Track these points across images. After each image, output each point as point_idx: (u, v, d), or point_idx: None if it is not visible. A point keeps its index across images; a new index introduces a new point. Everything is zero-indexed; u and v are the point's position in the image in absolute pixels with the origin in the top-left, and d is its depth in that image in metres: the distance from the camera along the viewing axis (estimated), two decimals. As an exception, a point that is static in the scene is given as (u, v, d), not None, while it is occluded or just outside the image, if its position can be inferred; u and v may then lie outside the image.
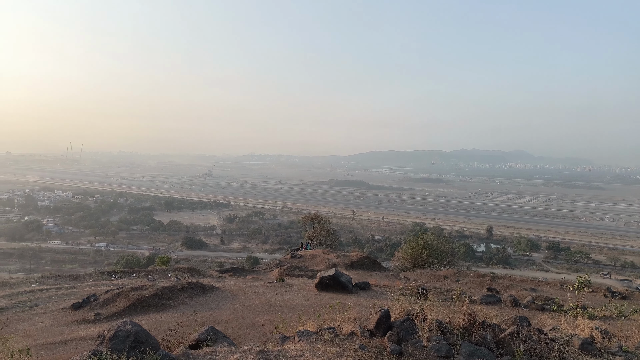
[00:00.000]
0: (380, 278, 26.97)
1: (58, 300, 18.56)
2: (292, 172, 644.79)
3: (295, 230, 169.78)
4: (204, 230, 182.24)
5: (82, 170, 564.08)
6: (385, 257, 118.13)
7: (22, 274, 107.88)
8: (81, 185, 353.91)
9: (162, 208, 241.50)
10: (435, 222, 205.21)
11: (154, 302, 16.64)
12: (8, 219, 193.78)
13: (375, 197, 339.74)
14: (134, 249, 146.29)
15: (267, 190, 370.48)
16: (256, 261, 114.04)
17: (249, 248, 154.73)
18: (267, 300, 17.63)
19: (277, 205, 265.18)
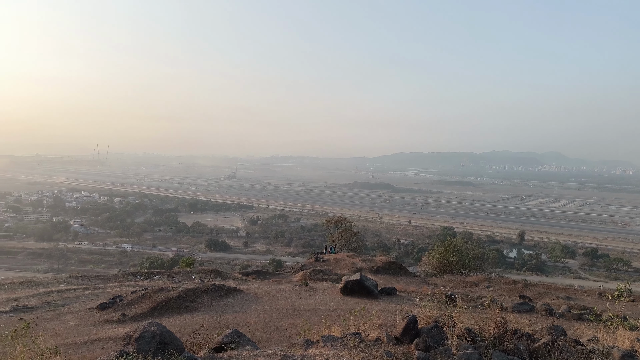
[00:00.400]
0: (406, 283, 26.72)
1: (85, 300, 19.11)
2: (316, 174, 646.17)
3: (319, 233, 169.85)
4: (228, 232, 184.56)
5: (108, 171, 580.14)
6: (411, 262, 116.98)
7: (50, 273, 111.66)
8: (107, 186, 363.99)
9: (186, 210, 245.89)
10: (464, 227, 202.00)
11: (178, 304, 16.96)
12: (37, 219, 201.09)
13: (402, 200, 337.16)
14: (158, 251, 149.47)
15: (290, 193, 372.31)
16: (279, 264, 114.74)
17: (273, 251, 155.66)
18: (291, 304, 17.70)
19: (301, 208, 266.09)
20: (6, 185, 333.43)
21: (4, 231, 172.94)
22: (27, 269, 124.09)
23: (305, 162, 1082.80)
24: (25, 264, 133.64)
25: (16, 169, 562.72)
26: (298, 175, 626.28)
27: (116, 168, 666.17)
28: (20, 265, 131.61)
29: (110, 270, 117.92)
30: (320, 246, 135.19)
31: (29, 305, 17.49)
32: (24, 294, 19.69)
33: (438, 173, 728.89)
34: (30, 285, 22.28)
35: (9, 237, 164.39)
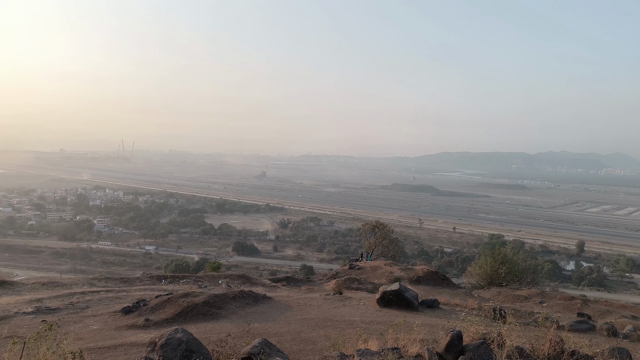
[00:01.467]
0: (450, 296, 26.31)
1: (108, 303, 19.79)
2: (352, 175, 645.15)
3: (354, 238, 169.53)
4: (257, 235, 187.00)
5: (133, 169, 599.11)
6: (456, 272, 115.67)
7: (73, 274, 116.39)
8: (132, 184, 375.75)
9: (213, 210, 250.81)
10: (515, 235, 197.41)
11: (204, 310, 17.31)
12: (61, 217, 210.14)
13: (446, 204, 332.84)
14: (184, 253, 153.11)
15: (323, 194, 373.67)
16: (311, 271, 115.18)
17: (304, 256, 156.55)
18: (324, 314, 17.75)
19: (335, 211, 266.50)
20: (30, 182, 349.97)
21: (27, 229, 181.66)
22: (49, 269, 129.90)
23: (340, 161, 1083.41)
24: (48, 263, 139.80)
25: (40, 165, 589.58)
26: (332, 175, 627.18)
27: (141, 165, 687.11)
28: (42, 264, 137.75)
29: (134, 272, 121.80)
30: (355, 253, 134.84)
31: (52, 307, 18.27)
32: (47, 295, 20.60)
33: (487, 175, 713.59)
34: (53, 286, 23.26)
35: (32, 236, 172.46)
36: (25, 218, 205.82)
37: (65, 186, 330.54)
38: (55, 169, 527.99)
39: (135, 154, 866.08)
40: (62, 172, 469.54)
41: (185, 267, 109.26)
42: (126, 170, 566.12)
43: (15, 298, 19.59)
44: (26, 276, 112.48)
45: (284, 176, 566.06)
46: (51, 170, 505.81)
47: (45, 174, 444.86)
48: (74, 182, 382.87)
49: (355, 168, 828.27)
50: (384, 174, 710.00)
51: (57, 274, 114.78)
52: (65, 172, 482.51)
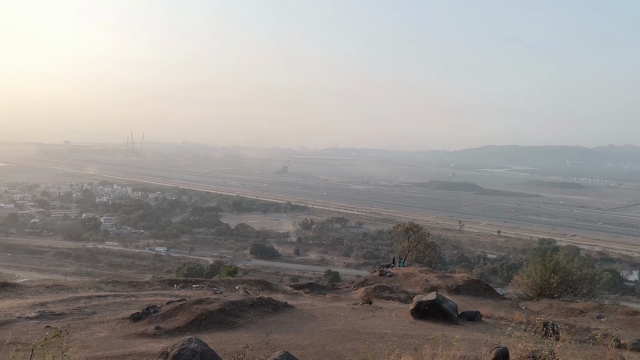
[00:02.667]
0: (493, 307, 26.00)
1: (116, 309, 20.26)
2: (383, 171, 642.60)
3: (385, 242, 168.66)
4: (277, 236, 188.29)
5: (142, 162, 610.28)
6: (500, 281, 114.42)
7: (78, 277, 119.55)
8: (141, 179, 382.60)
9: (230, 209, 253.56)
10: (569, 240, 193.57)
11: (219, 319, 17.55)
12: (65, 215, 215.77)
13: (490, 204, 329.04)
14: (197, 256, 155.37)
15: (351, 192, 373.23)
16: (336, 277, 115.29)
17: (328, 261, 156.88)
18: (351, 325, 17.78)
19: (364, 211, 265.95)
20: (33, 177, 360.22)
21: (30, 228, 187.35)
22: (53, 271, 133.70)
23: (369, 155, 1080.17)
24: (52, 264, 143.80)
25: (44, 158, 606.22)
26: (361, 171, 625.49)
27: (152, 158, 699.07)
28: (46, 266, 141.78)
29: (143, 276, 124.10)
30: (386, 258, 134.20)
31: (57, 312, 18.81)
32: (52, 299, 21.22)
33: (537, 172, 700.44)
34: (58, 289, 23.94)
35: (36, 235, 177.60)
36: (28, 215, 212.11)
37: (70, 181, 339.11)
38: (59, 162, 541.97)
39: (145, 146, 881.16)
40: (67, 166, 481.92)
41: (199, 271, 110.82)
42: (135, 164, 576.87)
43: (18, 302, 20.23)
44: (29, 278, 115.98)
45: (307, 172, 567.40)
46: (55, 163, 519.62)
47: (49, 168, 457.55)
48: (80, 176, 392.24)
49: (387, 163, 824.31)
50: (420, 170, 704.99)
51: (62, 276, 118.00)
52: (71, 165, 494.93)
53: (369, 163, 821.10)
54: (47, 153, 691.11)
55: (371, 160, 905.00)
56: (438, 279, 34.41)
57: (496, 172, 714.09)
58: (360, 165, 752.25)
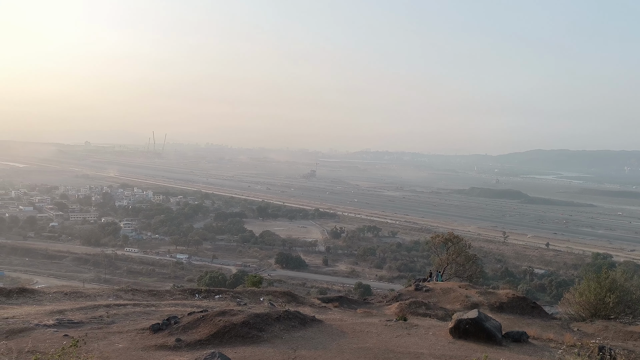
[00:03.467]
0: (541, 328, 25.45)
1: (135, 319, 20.58)
2: (420, 176, 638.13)
3: (421, 253, 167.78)
4: (304, 245, 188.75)
5: (164, 165, 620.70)
6: (549, 299, 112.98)
7: (96, 284, 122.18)
8: (163, 183, 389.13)
9: (254, 215, 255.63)
10: (627, 255, 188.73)
11: (243, 332, 17.64)
12: (84, 219, 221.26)
13: (537, 214, 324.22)
14: (220, 264, 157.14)
15: (384, 198, 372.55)
16: (367, 290, 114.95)
17: (359, 273, 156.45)
18: (384, 343, 17.64)
19: (398, 219, 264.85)
20: (52, 179, 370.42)
21: (48, 231, 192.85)
22: (71, 277, 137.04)
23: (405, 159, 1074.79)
24: (70, 270, 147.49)
25: (63, 159, 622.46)
26: (395, 176, 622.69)
27: (174, 161, 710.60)
28: (64, 272, 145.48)
29: (164, 284, 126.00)
30: (422, 271, 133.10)
31: (75, 320, 19.23)
32: (70, 307, 21.71)
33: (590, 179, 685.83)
34: (76, 296, 24.49)
35: (54, 239, 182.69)
36: (46, 219, 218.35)
37: (89, 183, 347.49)
38: (79, 163, 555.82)
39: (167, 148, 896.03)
40: (86, 168, 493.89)
41: (222, 281, 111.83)
42: (157, 166, 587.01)
43: (36, 308, 20.76)
44: (47, 284, 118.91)
45: (336, 176, 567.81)
46: (75, 165, 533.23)
47: (68, 170, 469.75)
48: (99, 179, 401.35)
49: (424, 168, 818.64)
50: (460, 175, 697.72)
51: (80, 282, 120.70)
52: (90, 167, 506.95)
53: (403, 167, 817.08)
54: (67, 154, 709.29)
55: (406, 165, 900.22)
56: (479, 296, 33.90)
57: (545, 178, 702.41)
58: (395, 170, 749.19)
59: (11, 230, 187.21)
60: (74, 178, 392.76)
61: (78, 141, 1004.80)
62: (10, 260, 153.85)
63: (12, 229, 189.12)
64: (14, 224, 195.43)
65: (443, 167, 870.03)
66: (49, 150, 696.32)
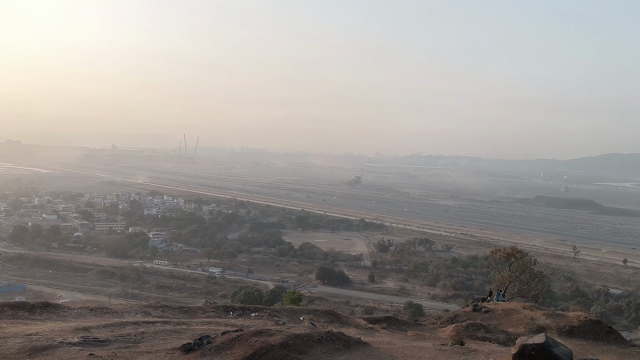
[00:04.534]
0: (618, 356, 24.69)
1: (165, 337, 20.93)
2: (479, 183, 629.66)
3: (480, 270, 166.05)
4: (347, 259, 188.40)
5: (197, 170, 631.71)
6: (627, 323, 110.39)
7: (124, 299, 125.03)
8: (195, 190, 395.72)
9: (293, 225, 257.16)
10: None
11: (281, 355, 17.69)
12: (111, 229, 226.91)
13: (613, 226, 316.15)
14: (256, 279, 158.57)
15: (438, 208, 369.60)
16: (419, 310, 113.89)
17: (409, 291, 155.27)
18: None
19: (453, 231, 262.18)
20: (77, 185, 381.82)
21: (73, 242, 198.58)
22: (97, 291, 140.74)
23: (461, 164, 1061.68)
24: (95, 284, 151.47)
25: (89, 164, 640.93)
26: (450, 183, 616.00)
27: (207, 166, 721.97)
28: (89, 285, 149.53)
29: (195, 300, 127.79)
30: (481, 290, 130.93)
31: (101, 338, 19.70)
32: (95, 323, 22.27)
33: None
34: (102, 312, 25.10)
35: (79, 250, 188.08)
36: (71, 228, 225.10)
37: (116, 190, 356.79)
38: (105, 169, 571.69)
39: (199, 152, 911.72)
40: (113, 174, 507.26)
41: (258, 297, 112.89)
42: (188, 172, 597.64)
43: (60, 324, 21.39)
44: (71, 298, 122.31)
45: (384, 183, 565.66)
46: (101, 170, 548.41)
47: (94, 176, 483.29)
48: (127, 185, 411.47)
49: (483, 174, 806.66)
50: (524, 182, 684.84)
51: (106, 297, 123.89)
52: (117, 173, 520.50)
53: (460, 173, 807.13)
54: (93, 159, 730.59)
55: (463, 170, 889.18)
56: (546, 318, 33.17)
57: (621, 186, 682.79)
58: (450, 176, 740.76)
59: (34, 241, 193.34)
60: (100, 185, 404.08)
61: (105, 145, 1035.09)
62: (32, 272, 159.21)
63: (35, 239, 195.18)
64: (37, 233, 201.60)
65: (505, 173, 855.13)
66: (74, 155, 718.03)
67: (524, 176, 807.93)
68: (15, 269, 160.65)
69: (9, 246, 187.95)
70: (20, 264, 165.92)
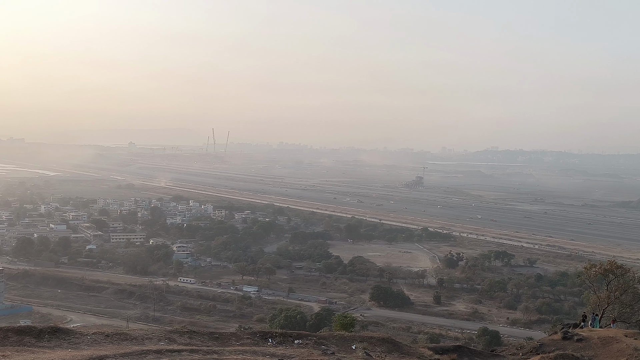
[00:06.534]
0: None
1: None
2: (569, 183, 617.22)
3: (571, 289, 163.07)
4: (408, 276, 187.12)
5: (227, 171, 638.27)
6: None
7: (144, 323, 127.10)
8: (225, 194, 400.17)
9: (342, 235, 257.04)
10: None
11: (330, 391, 17.73)
12: (129, 240, 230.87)
13: None
14: (298, 299, 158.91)
15: (518, 214, 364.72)
16: (496, 338, 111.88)
17: (483, 315, 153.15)
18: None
19: (537, 242, 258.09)
20: (90, 190, 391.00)
21: (85, 256, 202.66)
22: (113, 314, 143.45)
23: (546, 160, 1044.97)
24: (111, 305, 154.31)
25: (104, 165, 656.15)
26: (534, 183, 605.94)
27: (239, 165, 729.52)
28: (104, 307, 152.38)
29: (227, 325, 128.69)
30: (572, 313, 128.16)
31: (119, 369, 20.08)
32: (112, 352, 22.65)
33: None
34: (120, 339, 25.53)
35: (92, 266, 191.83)
36: (82, 240, 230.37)
37: (135, 195, 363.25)
38: (122, 170, 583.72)
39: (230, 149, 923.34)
40: (131, 176, 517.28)
41: (301, 321, 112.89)
42: (218, 172, 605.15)
43: (72, 353, 21.83)
44: (83, 322, 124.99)
45: (451, 184, 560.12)
46: (117, 172, 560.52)
47: (109, 178, 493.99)
48: (147, 189, 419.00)
49: (574, 172, 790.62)
50: (624, 182, 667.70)
51: (124, 321, 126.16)
52: (136, 175, 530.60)
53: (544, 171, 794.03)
54: (107, 159, 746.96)
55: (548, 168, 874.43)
56: (655, 349, 32.35)
57: None
58: (532, 175, 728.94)
59: (40, 255, 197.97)
60: (116, 189, 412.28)
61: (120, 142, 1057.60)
62: (39, 292, 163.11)
63: (42, 253, 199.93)
64: (44, 246, 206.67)
65: (600, 170, 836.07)
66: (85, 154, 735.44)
67: (625, 174, 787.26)
68: (19, 288, 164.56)
69: (12, 261, 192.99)
70: (25, 282, 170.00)
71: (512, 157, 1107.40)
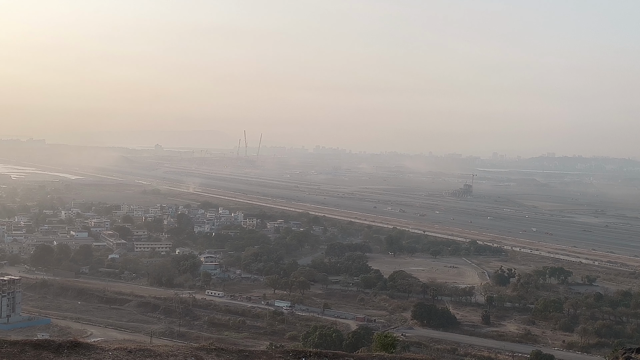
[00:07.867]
0: None
1: (220, 390, 21.30)
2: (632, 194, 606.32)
3: (634, 311, 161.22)
4: (454, 294, 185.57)
5: (259, 176, 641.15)
6: None
7: (168, 339, 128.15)
8: (257, 201, 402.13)
9: (382, 248, 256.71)
10: None
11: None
12: (153, 250, 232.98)
13: None
14: (334, 317, 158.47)
15: (576, 227, 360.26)
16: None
17: (537, 337, 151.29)
18: None
19: (597, 258, 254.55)
20: (113, 195, 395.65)
21: (107, 266, 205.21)
22: (135, 328, 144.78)
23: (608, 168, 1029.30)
24: (133, 319, 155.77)
25: (128, 168, 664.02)
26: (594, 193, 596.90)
27: (272, 170, 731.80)
28: (126, 321, 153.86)
29: (258, 342, 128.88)
30: (635, 337, 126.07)
31: (142, 388, 20.25)
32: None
33: None
34: (144, 355, 25.74)
35: (114, 277, 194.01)
36: (105, 249, 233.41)
37: (161, 202, 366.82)
38: (147, 174, 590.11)
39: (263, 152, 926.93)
40: (157, 180, 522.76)
41: (337, 340, 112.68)
42: (250, 178, 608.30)
43: (91, 370, 22.09)
44: (104, 337, 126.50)
45: (503, 193, 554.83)
46: (142, 176, 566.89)
47: (133, 183, 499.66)
48: (174, 195, 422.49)
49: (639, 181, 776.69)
50: None
51: (147, 336, 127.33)
52: (162, 179, 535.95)
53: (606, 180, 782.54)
54: (132, 162, 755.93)
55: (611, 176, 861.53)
56: None
57: None
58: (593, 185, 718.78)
59: (60, 264, 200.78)
60: (141, 194, 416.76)
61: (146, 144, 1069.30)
62: (58, 303, 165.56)
63: (62, 262, 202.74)
64: (64, 255, 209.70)
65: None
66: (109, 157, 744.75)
67: None
68: (37, 299, 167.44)
69: (30, 270, 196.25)
70: (43, 293, 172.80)
71: (570, 164, 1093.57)
